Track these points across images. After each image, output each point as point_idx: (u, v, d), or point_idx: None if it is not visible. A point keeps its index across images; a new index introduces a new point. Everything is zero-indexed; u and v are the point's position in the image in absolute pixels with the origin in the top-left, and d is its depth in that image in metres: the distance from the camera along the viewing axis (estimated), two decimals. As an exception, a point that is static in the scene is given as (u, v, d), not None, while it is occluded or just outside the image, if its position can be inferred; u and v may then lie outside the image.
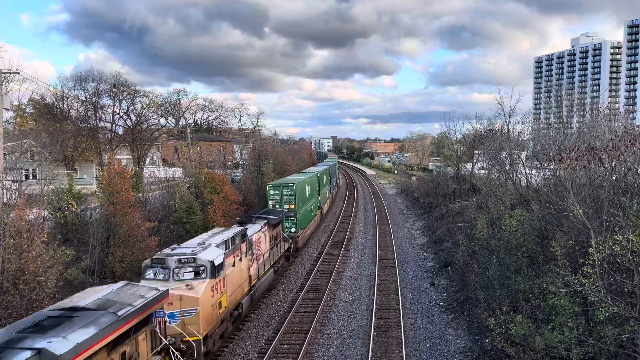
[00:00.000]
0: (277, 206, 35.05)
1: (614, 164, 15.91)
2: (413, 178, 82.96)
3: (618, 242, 12.65)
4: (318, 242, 39.82)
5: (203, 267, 17.42)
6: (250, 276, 22.92)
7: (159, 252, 18.56)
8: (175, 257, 17.46)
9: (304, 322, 21.91)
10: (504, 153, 32.28)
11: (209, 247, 18.89)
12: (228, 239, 20.43)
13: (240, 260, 21.61)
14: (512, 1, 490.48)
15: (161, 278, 17.17)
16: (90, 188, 45.71)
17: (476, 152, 49.80)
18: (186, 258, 17.46)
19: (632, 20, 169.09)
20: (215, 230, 23.29)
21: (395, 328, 20.99)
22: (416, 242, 39.90)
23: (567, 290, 14.23)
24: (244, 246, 22.19)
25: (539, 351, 14.42)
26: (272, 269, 26.87)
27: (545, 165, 25.21)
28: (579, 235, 15.96)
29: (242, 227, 23.37)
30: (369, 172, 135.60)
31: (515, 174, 29.84)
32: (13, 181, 32.02)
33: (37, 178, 37.33)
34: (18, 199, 26.25)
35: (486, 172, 40.07)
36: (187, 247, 18.99)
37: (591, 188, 17.31)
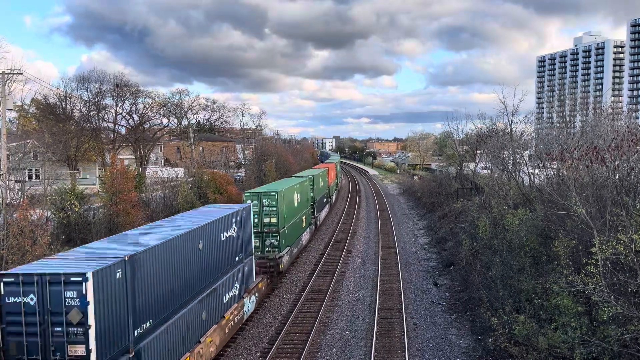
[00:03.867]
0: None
1: (616, 163, 15.87)
2: (415, 178, 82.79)
3: (621, 241, 12.64)
4: (320, 242, 39.83)
5: None
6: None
7: None
8: None
9: (306, 322, 21.90)
10: (507, 152, 32.25)
11: None
12: None
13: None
14: (510, 2, 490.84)
15: None
16: (93, 188, 45.80)
17: (479, 151, 49.75)
18: None
19: (636, 19, 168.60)
20: None
21: (398, 328, 20.98)
22: (419, 241, 39.86)
23: (570, 290, 14.22)
24: None
25: (542, 351, 14.40)
26: None
27: (548, 164, 25.17)
28: (582, 235, 15.93)
29: None
30: (372, 171, 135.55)
31: (518, 173, 29.82)
32: (16, 181, 32.17)
33: (40, 178, 37.44)
34: (21, 199, 26.34)
35: (489, 171, 40.01)
36: None
37: (594, 187, 17.27)
